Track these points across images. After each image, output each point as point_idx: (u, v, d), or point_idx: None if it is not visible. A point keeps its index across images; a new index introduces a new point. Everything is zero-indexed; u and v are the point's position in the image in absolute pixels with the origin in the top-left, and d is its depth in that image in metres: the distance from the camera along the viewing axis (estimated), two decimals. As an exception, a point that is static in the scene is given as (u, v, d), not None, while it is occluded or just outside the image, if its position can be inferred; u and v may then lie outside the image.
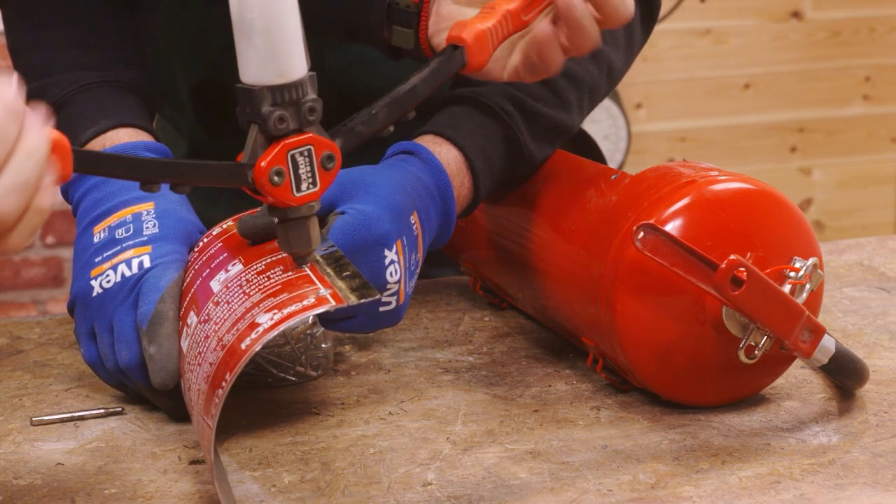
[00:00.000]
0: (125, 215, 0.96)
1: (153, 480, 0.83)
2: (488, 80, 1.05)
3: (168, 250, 0.93)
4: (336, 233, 0.90)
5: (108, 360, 0.93)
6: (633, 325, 0.90)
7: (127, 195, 0.97)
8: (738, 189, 0.91)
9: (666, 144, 3.27)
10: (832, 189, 3.41)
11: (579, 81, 1.08)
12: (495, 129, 1.03)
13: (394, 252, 0.91)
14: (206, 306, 0.86)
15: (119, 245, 0.94)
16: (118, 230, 0.95)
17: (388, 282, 0.91)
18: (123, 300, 0.92)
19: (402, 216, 0.93)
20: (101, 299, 0.93)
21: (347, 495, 0.80)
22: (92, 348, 0.94)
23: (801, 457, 0.85)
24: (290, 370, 0.98)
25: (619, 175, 0.96)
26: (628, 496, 0.80)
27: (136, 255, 0.93)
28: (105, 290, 0.93)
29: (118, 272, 0.93)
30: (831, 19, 3.34)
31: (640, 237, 0.85)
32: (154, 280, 0.91)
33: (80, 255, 0.96)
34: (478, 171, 1.01)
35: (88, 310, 0.94)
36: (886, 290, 1.18)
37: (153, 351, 0.89)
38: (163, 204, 0.96)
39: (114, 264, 0.93)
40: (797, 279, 0.89)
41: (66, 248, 2.88)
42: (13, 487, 0.82)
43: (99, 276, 0.93)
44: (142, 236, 0.94)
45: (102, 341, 0.93)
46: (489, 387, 0.97)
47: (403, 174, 0.97)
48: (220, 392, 0.79)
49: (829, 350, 0.89)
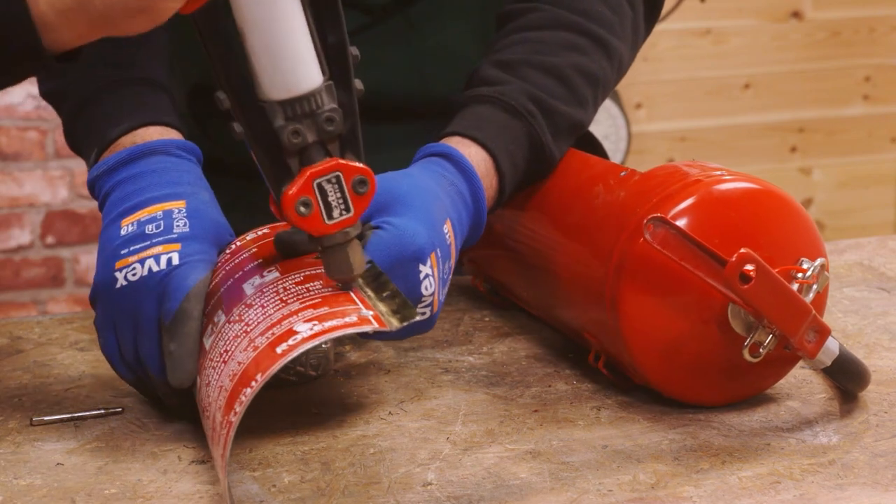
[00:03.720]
0: (156, 211, 0.95)
1: (153, 480, 0.83)
2: (508, 80, 1.04)
3: (197, 249, 0.93)
4: (372, 250, 0.89)
5: (127, 353, 0.92)
6: (638, 323, 0.90)
7: (159, 191, 0.96)
8: (745, 189, 0.91)
9: (666, 144, 3.27)
10: (832, 189, 3.42)
11: (594, 78, 1.08)
12: (519, 130, 1.03)
13: (428, 266, 0.90)
14: (238, 307, 0.86)
15: (148, 240, 0.93)
16: (148, 225, 0.94)
17: (423, 295, 0.90)
18: (149, 294, 0.91)
19: (437, 228, 0.92)
20: (125, 291, 0.92)
21: (347, 495, 0.80)
22: (112, 340, 0.93)
23: (801, 457, 0.85)
24: (290, 370, 0.98)
25: (628, 172, 0.96)
26: (628, 496, 0.80)
27: (165, 252, 0.92)
28: (130, 282, 0.92)
29: (145, 266, 0.92)
30: (831, 19, 3.34)
31: (651, 230, 0.85)
32: (181, 278, 0.91)
33: (106, 246, 0.95)
34: (504, 172, 1.01)
35: (111, 301, 0.93)
36: (886, 290, 1.18)
37: (173, 348, 0.89)
38: (194, 203, 0.96)
39: (141, 258, 0.93)
40: (805, 279, 0.89)
41: (66, 248, 2.88)
42: (13, 487, 0.82)
43: (125, 269, 0.92)
44: (172, 233, 0.93)
45: (123, 333, 0.92)
46: (489, 387, 0.97)
47: (438, 180, 0.96)
48: (247, 391, 0.79)
49: (832, 352, 0.89)
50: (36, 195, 2.86)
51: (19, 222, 2.86)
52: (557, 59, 1.06)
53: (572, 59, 1.07)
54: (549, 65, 1.06)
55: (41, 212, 2.86)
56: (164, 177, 0.97)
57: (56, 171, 2.84)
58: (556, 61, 1.06)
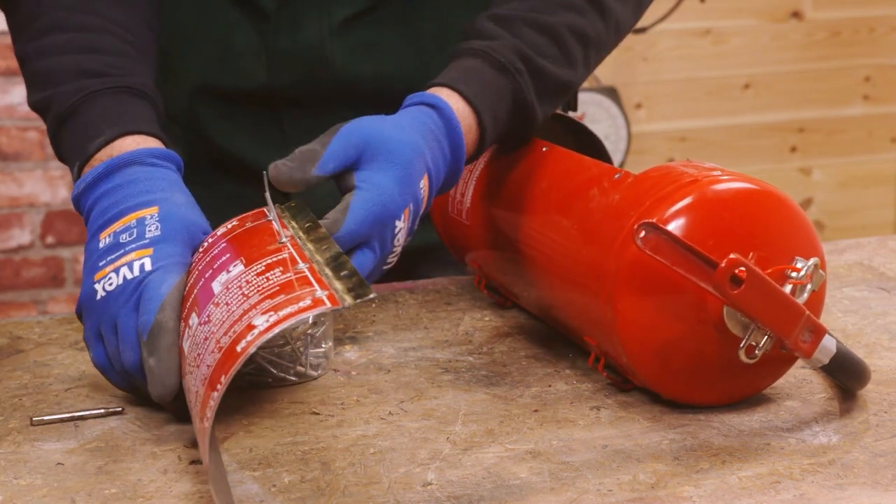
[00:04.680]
0: (130, 220, 0.96)
1: (153, 480, 0.83)
2: (500, 34, 1.05)
3: (170, 252, 0.93)
4: (355, 212, 0.92)
5: (116, 362, 0.93)
6: (635, 324, 0.90)
7: (133, 201, 0.97)
8: (740, 189, 0.91)
9: (666, 144, 3.27)
10: (832, 189, 3.42)
11: (587, 39, 1.09)
12: (504, 86, 1.04)
13: (402, 221, 0.95)
14: (207, 307, 0.86)
15: (122, 249, 0.94)
16: (122, 235, 0.95)
17: (395, 247, 0.95)
18: (125, 303, 0.92)
19: (414, 185, 0.95)
20: (104, 302, 0.93)
21: (347, 495, 0.80)
22: (100, 351, 0.94)
23: (801, 457, 0.85)
24: (290, 370, 0.98)
25: (622, 174, 0.96)
26: (628, 496, 0.80)
27: (138, 258, 0.93)
28: (108, 292, 0.93)
29: (120, 275, 0.93)
30: (831, 19, 3.34)
31: (642, 236, 0.85)
32: (155, 286, 0.91)
33: (87, 260, 0.97)
34: (486, 127, 1.03)
35: (94, 313, 0.94)
36: (886, 290, 1.18)
37: (153, 364, 0.89)
38: (167, 207, 0.96)
39: (116, 267, 0.94)
40: (798, 279, 0.89)
41: (66, 248, 2.88)
42: (13, 487, 0.82)
43: (102, 280, 0.94)
44: (144, 239, 0.94)
45: (109, 343, 0.93)
46: (489, 387, 0.97)
47: (423, 133, 0.98)
48: (215, 395, 0.79)
49: (829, 350, 0.89)
50: (36, 195, 2.85)
51: (19, 222, 2.86)
52: (553, 18, 1.07)
53: (567, 18, 1.08)
54: (543, 23, 1.07)
55: (41, 212, 2.86)
56: (138, 186, 0.98)
57: (56, 171, 2.84)
58: (551, 20, 1.07)
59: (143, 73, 1.09)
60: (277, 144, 1.22)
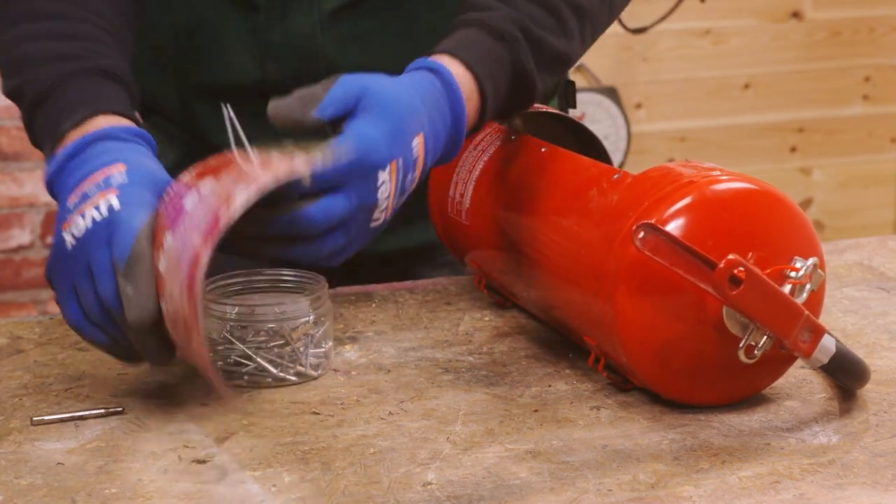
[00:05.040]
0: (97, 178, 0.95)
1: (153, 480, 0.83)
2: (496, 6, 1.05)
3: (136, 193, 0.93)
4: (334, 153, 0.92)
5: (91, 310, 0.92)
6: (635, 325, 0.90)
7: (100, 161, 0.96)
8: (739, 189, 0.91)
9: (666, 144, 3.27)
10: (832, 189, 3.41)
11: (583, 12, 1.09)
12: (503, 55, 1.04)
13: (387, 173, 0.94)
14: (180, 221, 0.87)
15: (88, 198, 0.94)
16: (89, 189, 0.94)
17: (379, 199, 0.94)
18: (98, 241, 0.91)
19: (405, 139, 0.95)
20: (75, 249, 0.92)
21: (347, 495, 0.80)
22: (74, 306, 0.93)
23: (801, 457, 0.85)
24: (290, 370, 0.98)
25: (621, 175, 0.97)
26: (628, 496, 0.80)
27: (104, 199, 0.93)
28: (78, 238, 0.92)
29: (87, 217, 0.92)
30: (831, 19, 3.33)
31: (640, 237, 0.85)
32: (126, 220, 0.91)
33: (57, 220, 0.96)
34: (487, 96, 1.02)
35: (66, 264, 0.93)
36: (886, 290, 1.18)
37: (130, 291, 0.89)
38: (134, 162, 0.96)
39: (82, 212, 0.93)
40: (797, 279, 0.89)
41: (66, 248, 2.88)
42: (13, 487, 0.82)
43: (70, 228, 0.93)
44: (109, 185, 0.94)
45: (83, 289, 0.92)
46: (489, 387, 0.97)
47: (423, 96, 0.98)
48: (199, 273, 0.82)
49: (829, 350, 0.89)
50: (36, 195, 2.85)
51: (19, 222, 2.86)
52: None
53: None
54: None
55: (41, 212, 2.86)
56: (108, 156, 0.97)
57: (56, 172, 2.84)
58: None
59: (118, 58, 1.08)
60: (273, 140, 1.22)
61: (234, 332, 0.97)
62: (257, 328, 0.97)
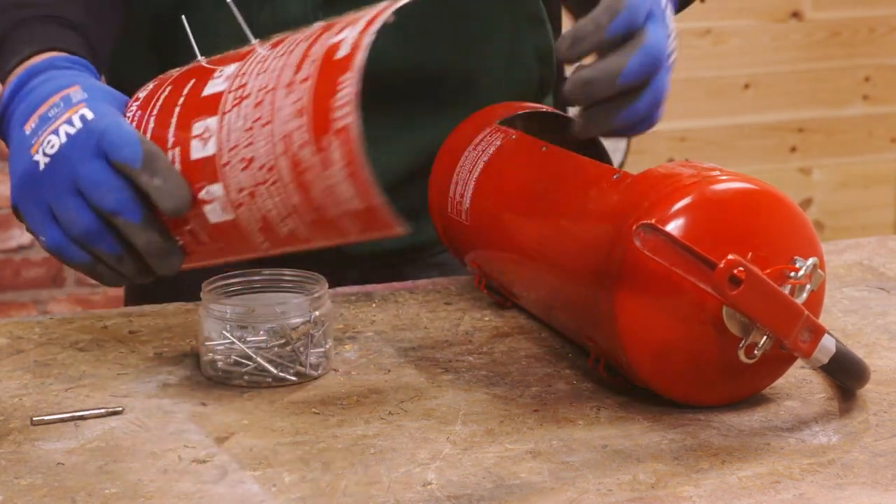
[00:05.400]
0: (54, 100, 0.93)
1: (153, 480, 0.83)
2: None
3: (103, 104, 0.91)
4: None
5: (75, 228, 0.90)
6: (634, 325, 0.90)
7: (49, 86, 0.94)
8: (739, 189, 0.91)
9: (666, 144, 3.27)
10: (832, 189, 3.42)
11: None
12: None
13: None
14: (224, 99, 0.86)
15: (52, 119, 0.91)
16: (49, 112, 0.92)
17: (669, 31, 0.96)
18: (83, 152, 0.89)
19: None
20: (52, 166, 0.89)
21: (347, 495, 0.80)
22: (53, 229, 0.91)
23: (801, 457, 0.85)
24: (290, 370, 0.98)
25: (621, 175, 0.97)
26: (628, 496, 0.80)
27: (74, 113, 0.90)
28: (53, 156, 0.89)
29: (61, 133, 0.90)
30: (831, 19, 3.34)
31: (640, 237, 0.85)
32: (115, 126, 0.89)
33: (15, 153, 0.93)
34: None
35: (40, 186, 0.90)
36: (886, 290, 1.18)
37: (159, 182, 0.88)
38: (89, 83, 0.94)
39: (53, 129, 0.90)
40: (797, 279, 0.89)
41: (66, 248, 2.88)
42: (13, 487, 0.82)
43: (40, 149, 0.90)
44: (72, 103, 0.91)
45: (66, 211, 0.90)
46: (489, 387, 0.98)
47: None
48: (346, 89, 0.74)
49: (829, 350, 0.89)
50: (36, 195, 2.85)
51: (20, 222, 2.86)
52: None
53: None
54: None
55: (41, 212, 2.86)
56: (59, 81, 0.94)
57: (56, 172, 2.84)
58: None
59: (80, 12, 1.06)
60: None
61: (234, 332, 0.97)
62: (257, 328, 0.97)
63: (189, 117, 0.89)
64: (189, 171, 0.89)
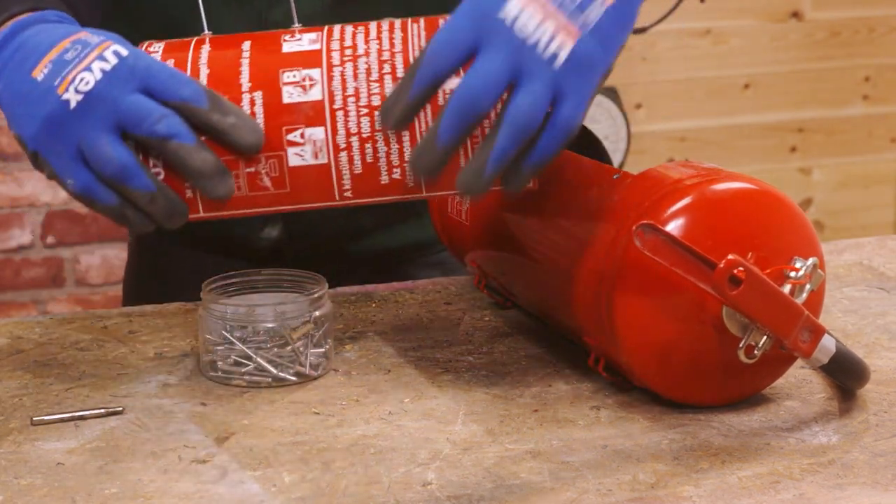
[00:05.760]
0: (64, 45, 0.89)
1: (153, 480, 0.83)
2: None
3: (131, 46, 0.88)
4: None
5: (109, 165, 0.86)
6: (634, 325, 0.90)
7: (55, 36, 0.90)
8: (739, 189, 0.91)
9: (666, 144, 3.27)
10: (832, 189, 3.42)
11: None
12: None
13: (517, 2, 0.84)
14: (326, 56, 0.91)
15: (77, 58, 0.87)
16: (65, 55, 0.87)
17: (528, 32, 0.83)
18: (124, 86, 0.86)
19: None
20: (86, 103, 0.85)
21: (348, 495, 0.80)
22: (83, 171, 0.87)
23: (801, 456, 0.85)
24: (290, 370, 0.98)
25: (621, 175, 0.97)
26: (628, 496, 0.80)
27: (104, 50, 0.87)
28: (87, 92, 0.86)
29: (95, 70, 0.86)
30: (831, 19, 3.34)
31: (640, 237, 0.85)
32: (160, 65, 0.87)
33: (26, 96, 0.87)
34: None
35: (70, 126, 0.86)
36: (886, 290, 1.18)
37: (233, 119, 0.87)
38: (92, 30, 0.91)
39: (85, 66, 0.86)
40: (797, 279, 0.89)
41: (67, 248, 2.89)
42: (13, 487, 0.82)
43: (70, 86, 0.86)
44: (94, 43, 0.87)
45: (100, 144, 0.86)
46: (489, 387, 0.98)
47: None
48: None
49: (829, 350, 0.89)
50: (36, 195, 2.86)
51: (20, 222, 2.86)
52: None
53: None
54: None
55: (41, 212, 2.86)
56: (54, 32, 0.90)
57: (56, 172, 2.84)
58: None
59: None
60: None
61: (234, 332, 0.97)
62: (257, 328, 0.97)
63: (272, 67, 0.91)
64: (278, 114, 0.90)
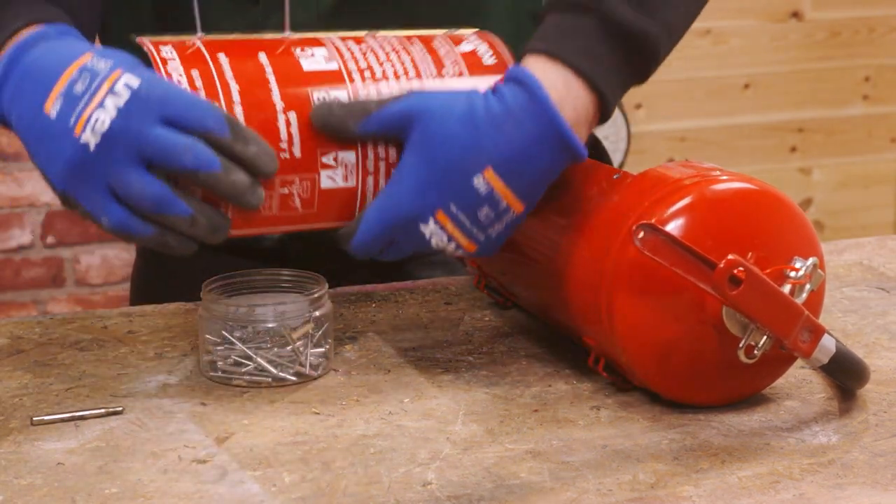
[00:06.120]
0: (71, 73, 0.87)
1: (153, 480, 0.83)
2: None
3: (142, 70, 0.87)
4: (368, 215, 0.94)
5: (143, 199, 0.86)
6: (634, 325, 0.90)
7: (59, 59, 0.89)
8: (739, 189, 0.91)
9: (666, 144, 3.27)
10: (832, 189, 3.42)
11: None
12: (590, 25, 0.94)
13: (433, 224, 0.93)
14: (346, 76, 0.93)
15: (85, 94, 0.86)
16: (74, 87, 0.86)
17: (437, 248, 0.95)
18: (142, 121, 0.85)
19: (447, 185, 0.92)
20: (105, 143, 0.85)
21: (348, 495, 0.80)
22: (116, 208, 0.86)
23: (801, 456, 0.85)
24: (290, 370, 0.98)
25: (621, 175, 0.97)
26: (628, 496, 0.80)
27: (114, 81, 0.86)
28: (104, 132, 0.85)
29: (109, 108, 0.85)
30: (831, 19, 3.34)
31: (640, 237, 0.85)
32: (177, 92, 0.86)
33: (43, 135, 0.87)
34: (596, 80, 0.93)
35: (93, 167, 0.85)
36: (886, 290, 1.18)
37: (256, 149, 0.87)
38: (99, 50, 0.90)
39: (97, 105, 0.85)
40: (797, 279, 0.89)
41: (67, 248, 2.89)
42: (13, 487, 0.82)
43: (85, 128, 0.85)
44: (101, 73, 0.86)
45: (129, 181, 0.85)
46: (489, 387, 0.98)
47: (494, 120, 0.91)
48: None
49: (829, 350, 0.89)
50: (36, 195, 2.86)
51: (20, 222, 2.86)
52: None
53: None
54: None
55: (42, 212, 2.86)
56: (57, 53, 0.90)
57: (56, 172, 2.84)
58: None
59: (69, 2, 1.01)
60: None
61: (234, 333, 0.97)
62: (257, 328, 0.97)
63: (300, 86, 0.91)
64: (314, 136, 0.91)
